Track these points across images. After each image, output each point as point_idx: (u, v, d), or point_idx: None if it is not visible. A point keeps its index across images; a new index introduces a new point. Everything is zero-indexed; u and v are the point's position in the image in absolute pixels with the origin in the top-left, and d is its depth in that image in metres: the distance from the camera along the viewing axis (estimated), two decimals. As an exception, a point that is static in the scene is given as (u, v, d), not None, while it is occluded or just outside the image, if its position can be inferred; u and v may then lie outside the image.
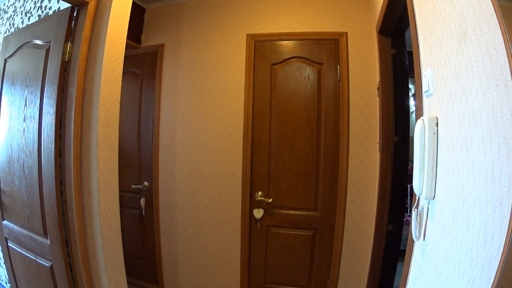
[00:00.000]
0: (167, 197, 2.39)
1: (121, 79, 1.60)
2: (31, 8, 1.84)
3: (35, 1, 1.82)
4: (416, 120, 0.91)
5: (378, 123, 1.83)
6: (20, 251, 1.70)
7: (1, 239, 1.82)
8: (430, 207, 0.83)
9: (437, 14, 0.80)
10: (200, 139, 2.30)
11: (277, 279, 2.18)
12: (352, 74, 2.03)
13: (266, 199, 2.14)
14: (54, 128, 1.47)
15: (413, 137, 0.87)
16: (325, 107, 2.07)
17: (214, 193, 2.27)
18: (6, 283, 2.00)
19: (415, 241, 0.90)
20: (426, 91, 0.88)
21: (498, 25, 0.53)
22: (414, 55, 0.98)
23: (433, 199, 0.80)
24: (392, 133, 1.69)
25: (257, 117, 2.18)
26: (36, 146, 1.55)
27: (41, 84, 1.55)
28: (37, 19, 1.79)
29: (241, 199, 2.19)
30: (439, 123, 0.79)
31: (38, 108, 1.55)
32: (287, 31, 2.16)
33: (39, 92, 1.55)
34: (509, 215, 0.49)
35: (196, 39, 2.34)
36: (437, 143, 0.79)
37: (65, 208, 1.50)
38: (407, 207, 2.76)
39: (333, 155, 2.06)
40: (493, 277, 0.52)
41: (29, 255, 1.65)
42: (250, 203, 2.18)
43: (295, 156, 2.11)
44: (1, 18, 2.09)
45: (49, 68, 1.53)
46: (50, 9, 1.72)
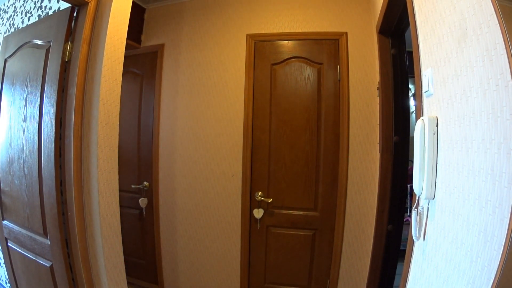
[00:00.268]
0: (167, 197, 2.39)
1: (121, 79, 1.60)
2: (31, 8, 1.84)
3: (35, 1, 1.82)
4: (416, 120, 0.91)
5: (378, 123, 1.83)
6: (20, 251, 1.70)
7: (1, 239, 1.82)
8: (430, 207, 0.83)
9: (437, 14, 0.80)
10: (200, 139, 2.30)
11: (277, 279, 2.18)
12: (352, 74, 2.03)
13: (266, 199, 2.14)
14: (54, 128, 1.47)
15: (413, 137, 0.87)
16: (325, 107, 2.07)
17: (214, 193, 2.27)
18: (6, 283, 2.00)
19: (415, 241, 0.90)
20: (426, 91, 0.88)
21: (498, 25, 0.53)
22: (414, 55, 0.98)
23: (433, 199, 0.80)
24: (392, 133, 1.69)
25: (257, 117, 2.18)
26: (36, 146, 1.55)
27: (41, 84, 1.55)
28: (37, 19, 1.79)
29: (241, 199, 2.19)
30: (439, 123, 0.79)
31: (38, 108, 1.55)
32: (287, 31, 2.16)
33: (39, 92, 1.55)
34: (509, 215, 0.49)
35: (196, 39, 2.34)
36: (437, 143, 0.79)
37: (65, 208, 1.50)
38: (407, 207, 2.76)
39: (333, 155, 2.06)
40: (493, 277, 0.52)
41: (29, 255, 1.65)
42: (250, 203, 2.18)
43: (295, 156, 2.11)
44: (1, 18, 2.09)
45: (49, 68, 1.53)
46: (50, 9, 1.72)
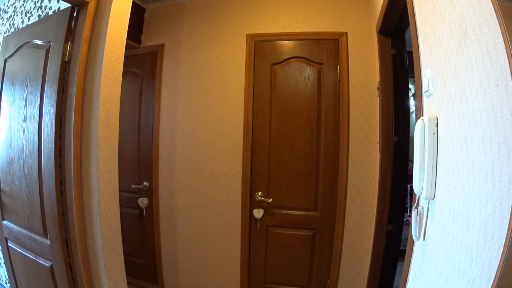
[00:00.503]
0: (167, 197, 2.39)
1: (121, 79, 1.60)
2: (31, 8, 1.84)
3: (35, 1, 1.82)
4: (416, 120, 0.91)
5: (378, 123, 1.83)
6: (20, 251, 1.70)
7: (1, 239, 1.82)
8: (430, 207, 0.83)
9: (437, 14, 0.79)
10: (200, 139, 2.30)
11: (277, 279, 2.18)
12: (352, 74, 2.03)
13: (266, 199, 2.14)
14: (54, 128, 1.47)
15: (413, 137, 0.87)
16: (325, 107, 2.07)
17: (214, 193, 2.27)
18: (6, 283, 2.00)
19: (415, 241, 0.90)
20: (426, 91, 0.88)
21: (498, 25, 0.53)
22: (414, 55, 0.98)
23: (433, 199, 0.80)
24: (392, 133, 1.69)
25: (257, 117, 2.18)
26: (36, 146, 1.55)
27: (41, 84, 1.55)
28: (37, 19, 1.79)
29: (241, 199, 2.19)
30: (439, 123, 0.79)
31: (38, 108, 1.55)
32: (287, 31, 2.16)
33: (39, 92, 1.55)
34: (509, 215, 0.49)
35: (196, 39, 2.34)
36: (437, 143, 0.79)
37: (65, 208, 1.50)
38: (407, 207, 2.76)
39: (333, 155, 2.06)
40: (493, 277, 0.52)
41: (29, 255, 1.65)
42: (250, 203, 2.18)
43: (295, 156, 2.11)
44: (1, 18, 2.09)
45: (49, 68, 1.53)
46: (50, 9, 1.72)
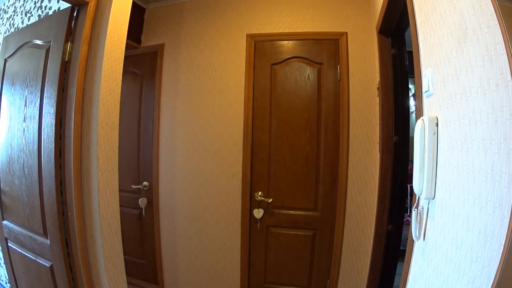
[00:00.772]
0: (167, 197, 2.39)
1: (121, 79, 1.60)
2: (31, 8, 1.84)
3: (35, 1, 1.82)
4: (416, 120, 0.91)
5: (378, 123, 1.83)
6: (20, 251, 1.70)
7: (1, 239, 1.82)
8: (430, 207, 0.83)
9: (437, 14, 0.79)
10: (200, 139, 2.30)
11: (277, 279, 2.18)
12: (352, 74, 2.03)
13: (266, 199, 2.14)
14: (54, 128, 1.47)
15: (413, 137, 0.87)
16: (325, 107, 2.07)
17: (214, 193, 2.27)
18: (6, 283, 2.00)
19: (415, 241, 0.90)
20: (426, 91, 0.88)
21: (498, 25, 0.53)
22: (414, 55, 0.98)
23: (433, 199, 0.80)
24: (392, 133, 1.69)
25: (257, 117, 2.18)
26: (36, 146, 1.55)
27: (41, 84, 1.55)
28: (37, 19, 1.79)
29: (241, 199, 2.19)
30: (439, 123, 0.79)
31: (38, 108, 1.55)
32: (287, 31, 2.16)
33: (39, 92, 1.55)
34: (509, 215, 0.49)
35: (196, 39, 2.34)
36: (437, 143, 0.79)
37: (65, 208, 1.50)
38: (407, 207, 2.76)
39: (333, 155, 2.06)
40: (493, 277, 0.52)
41: (29, 255, 1.65)
42: (250, 203, 2.18)
43: (295, 156, 2.11)
44: (1, 18, 2.09)
45: (49, 68, 1.53)
46: (50, 9, 1.72)
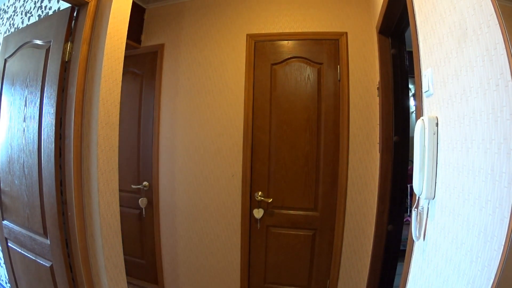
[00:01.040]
0: (167, 197, 2.39)
1: (121, 79, 1.60)
2: (31, 8, 1.84)
3: (35, 1, 1.82)
4: (416, 120, 0.91)
5: (378, 123, 1.83)
6: (20, 251, 1.70)
7: (1, 239, 1.82)
8: (430, 207, 0.83)
9: (437, 14, 0.79)
10: (200, 139, 2.30)
11: (277, 279, 2.18)
12: (352, 74, 2.03)
13: (266, 199, 2.14)
14: (54, 128, 1.47)
15: (413, 137, 0.87)
16: (325, 107, 2.07)
17: (214, 193, 2.27)
18: (6, 283, 2.00)
19: (415, 241, 0.90)
20: (426, 91, 0.88)
21: (498, 25, 0.53)
22: (414, 55, 0.98)
23: (433, 199, 0.80)
24: (392, 133, 1.69)
25: (257, 117, 2.18)
26: (36, 146, 1.55)
27: (41, 84, 1.55)
28: (37, 19, 1.79)
29: (241, 199, 2.19)
30: (439, 123, 0.79)
31: (38, 108, 1.55)
32: (287, 31, 2.16)
33: (39, 92, 1.55)
34: (509, 215, 0.49)
35: (196, 39, 2.34)
36: (437, 143, 0.79)
37: (65, 208, 1.50)
38: (407, 207, 2.76)
39: (333, 155, 2.06)
40: (493, 277, 0.52)
41: (29, 255, 1.65)
42: (250, 203, 2.18)
43: (295, 156, 2.11)
44: (1, 18, 2.09)
45: (49, 68, 1.53)
46: (50, 9, 1.72)
